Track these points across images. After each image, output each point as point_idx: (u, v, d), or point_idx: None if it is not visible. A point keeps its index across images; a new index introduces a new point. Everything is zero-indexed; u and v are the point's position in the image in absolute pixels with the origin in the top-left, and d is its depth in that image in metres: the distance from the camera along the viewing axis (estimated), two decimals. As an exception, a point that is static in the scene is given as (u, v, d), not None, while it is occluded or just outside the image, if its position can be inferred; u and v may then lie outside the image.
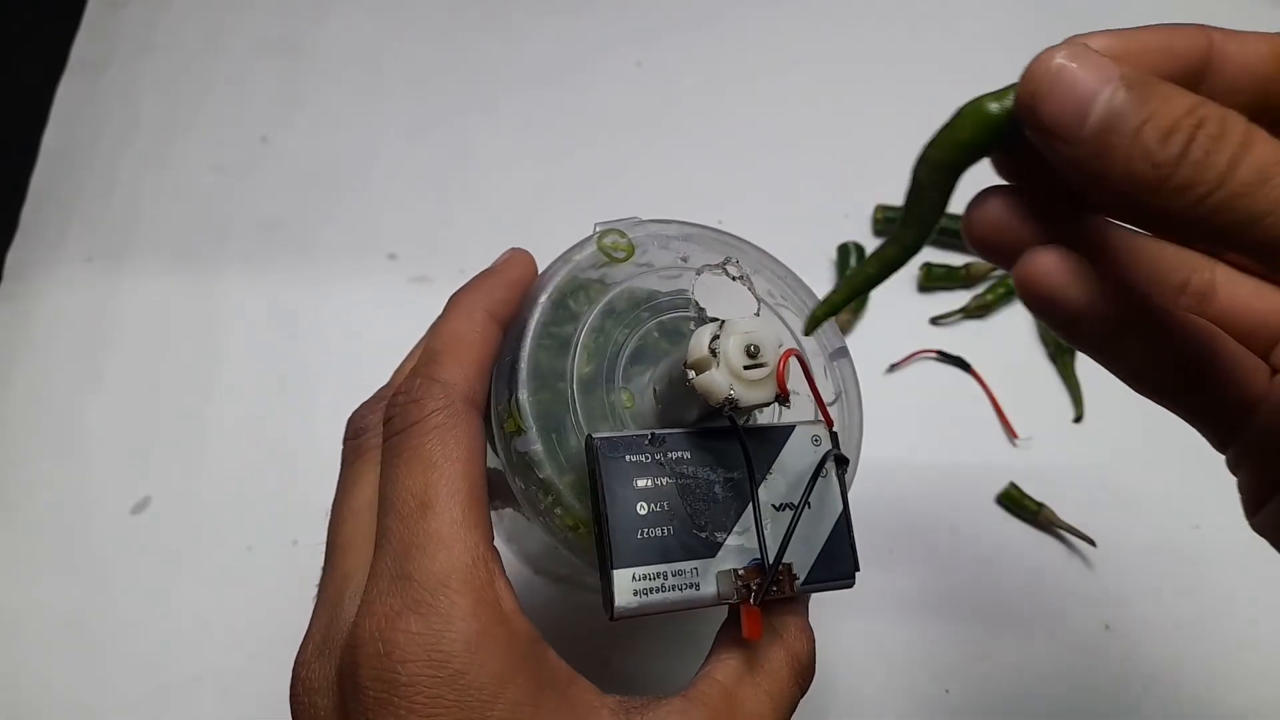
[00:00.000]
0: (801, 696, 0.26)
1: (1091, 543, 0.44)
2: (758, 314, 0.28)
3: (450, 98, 0.56)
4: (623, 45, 0.58)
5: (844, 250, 0.51)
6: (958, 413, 0.47)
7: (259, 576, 0.43)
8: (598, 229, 0.28)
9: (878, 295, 0.50)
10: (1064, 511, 0.45)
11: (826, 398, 0.28)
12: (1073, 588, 0.44)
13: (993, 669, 0.42)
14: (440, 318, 0.27)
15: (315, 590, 0.26)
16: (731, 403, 0.23)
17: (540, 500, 0.26)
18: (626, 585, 0.23)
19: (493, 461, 0.27)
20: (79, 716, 0.40)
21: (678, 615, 0.24)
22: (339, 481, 0.27)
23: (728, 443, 0.25)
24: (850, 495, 0.45)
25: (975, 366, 0.49)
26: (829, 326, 0.30)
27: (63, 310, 0.49)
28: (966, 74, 0.58)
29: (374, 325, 0.49)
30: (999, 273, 0.50)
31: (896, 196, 0.56)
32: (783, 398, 0.24)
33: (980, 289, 0.50)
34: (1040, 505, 0.45)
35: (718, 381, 0.23)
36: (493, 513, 0.32)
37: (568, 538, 0.26)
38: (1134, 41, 0.21)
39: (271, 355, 0.48)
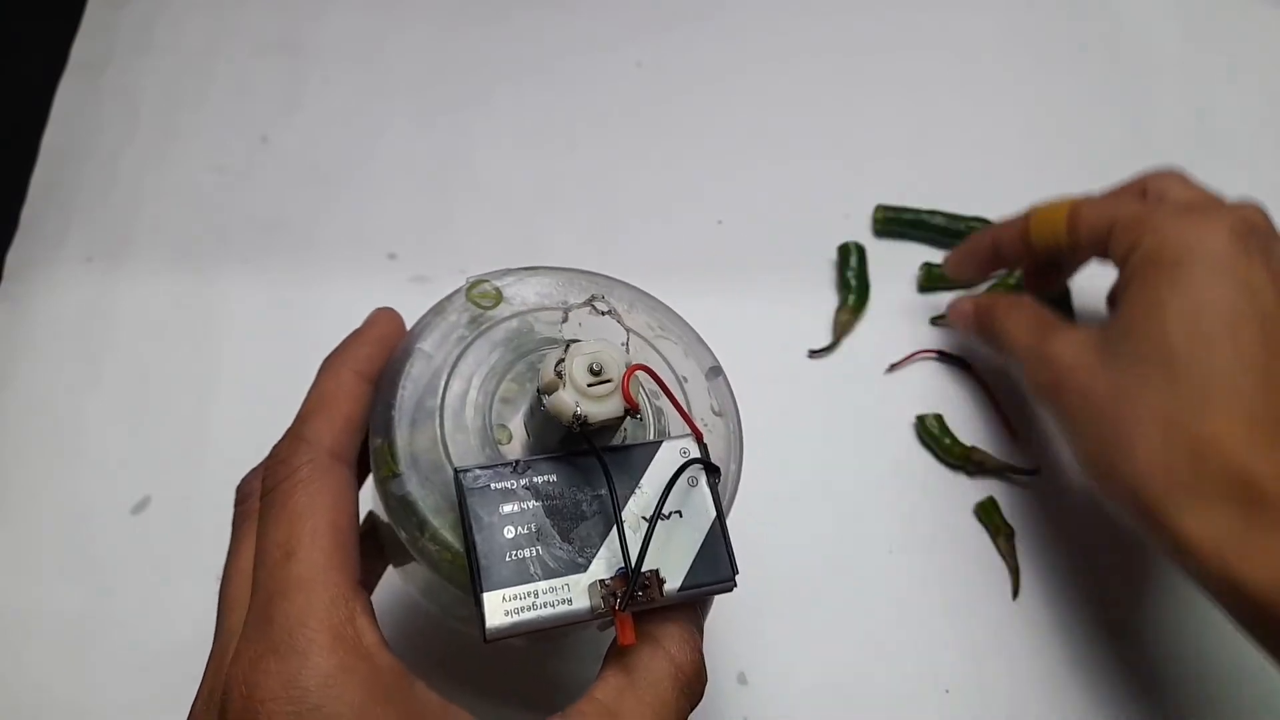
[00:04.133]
0: (692, 708, 0.26)
1: (1014, 595, 0.44)
2: (625, 344, 0.30)
3: (450, 97, 0.56)
4: (623, 45, 0.58)
5: (844, 250, 0.51)
6: (958, 412, 0.47)
7: (259, 576, 0.42)
8: (468, 280, 0.30)
9: (878, 295, 0.50)
10: (1065, 508, 0.45)
11: (705, 414, 0.30)
12: (1073, 589, 0.44)
13: (992, 669, 0.42)
14: (312, 382, 0.29)
15: None
16: (580, 419, 0.24)
17: (418, 539, 0.27)
18: (497, 606, 0.24)
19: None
20: (79, 717, 0.40)
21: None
22: (229, 545, 0.28)
23: (594, 462, 0.26)
24: (851, 495, 0.45)
25: (975, 367, 0.49)
26: (698, 347, 0.32)
27: (63, 310, 0.49)
28: (967, 74, 0.58)
29: (374, 325, 0.49)
30: (1000, 271, 0.50)
31: (897, 196, 0.56)
32: (633, 411, 0.25)
33: (979, 290, 0.50)
34: (1011, 531, 0.45)
35: (565, 400, 0.24)
36: (402, 569, 0.33)
37: (450, 573, 0.27)
38: (961, 256, 0.48)
39: (271, 355, 0.48)
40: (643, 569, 0.25)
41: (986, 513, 0.45)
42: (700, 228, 0.53)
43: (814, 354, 0.49)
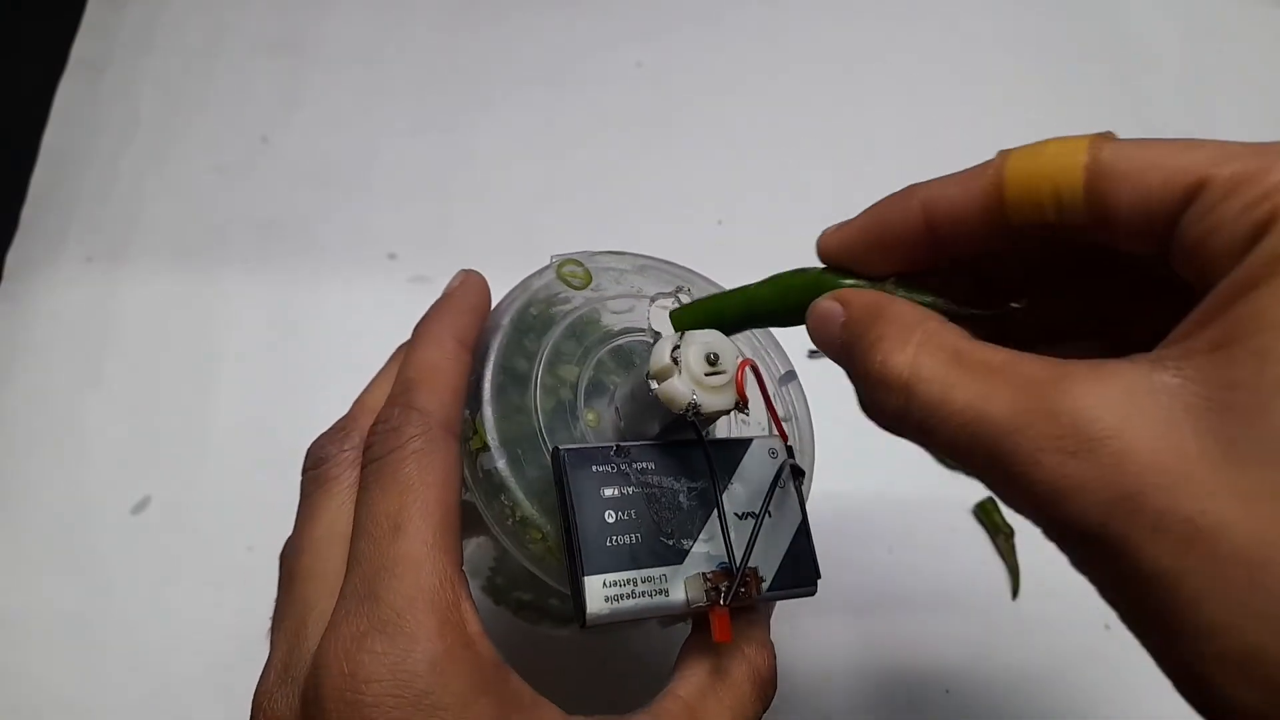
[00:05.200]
0: (764, 711, 0.26)
1: (1013, 595, 0.44)
2: None
3: (450, 97, 0.56)
4: (623, 45, 0.58)
5: (844, 250, 0.51)
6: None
7: (259, 576, 0.42)
8: (554, 259, 0.30)
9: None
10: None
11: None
12: (1073, 588, 0.44)
13: (993, 669, 0.42)
14: (411, 347, 0.28)
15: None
16: (694, 408, 0.24)
17: (507, 517, 0.26)
18: (598, 592, 0.23)
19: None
20: (79, 716, 0.40)
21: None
22: (299, 511, 0.27)
23: (690, 453, 0.26)
24: (851, 495, 0.45)
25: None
26: (776, 351, 0.31)
27: (63, 310, 0.49)
28: (967, 74, 0.58)
29: (374, 325, 0.49)
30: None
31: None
32: (742, 404, 0.25)
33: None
34: (1011, 531, 0.44)
35: (680, 389, 0.24)
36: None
37: (535, 555, 0.26)
38: (857, 231, 0.25)
39: (271, 355, 0.48)
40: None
41: (986, 513, 0.45)
42: (700, 228, 0.53)
43: (813, 354, 0.49)
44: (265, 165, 0.53)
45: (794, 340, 0.49)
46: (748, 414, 0.28)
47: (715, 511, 0.25)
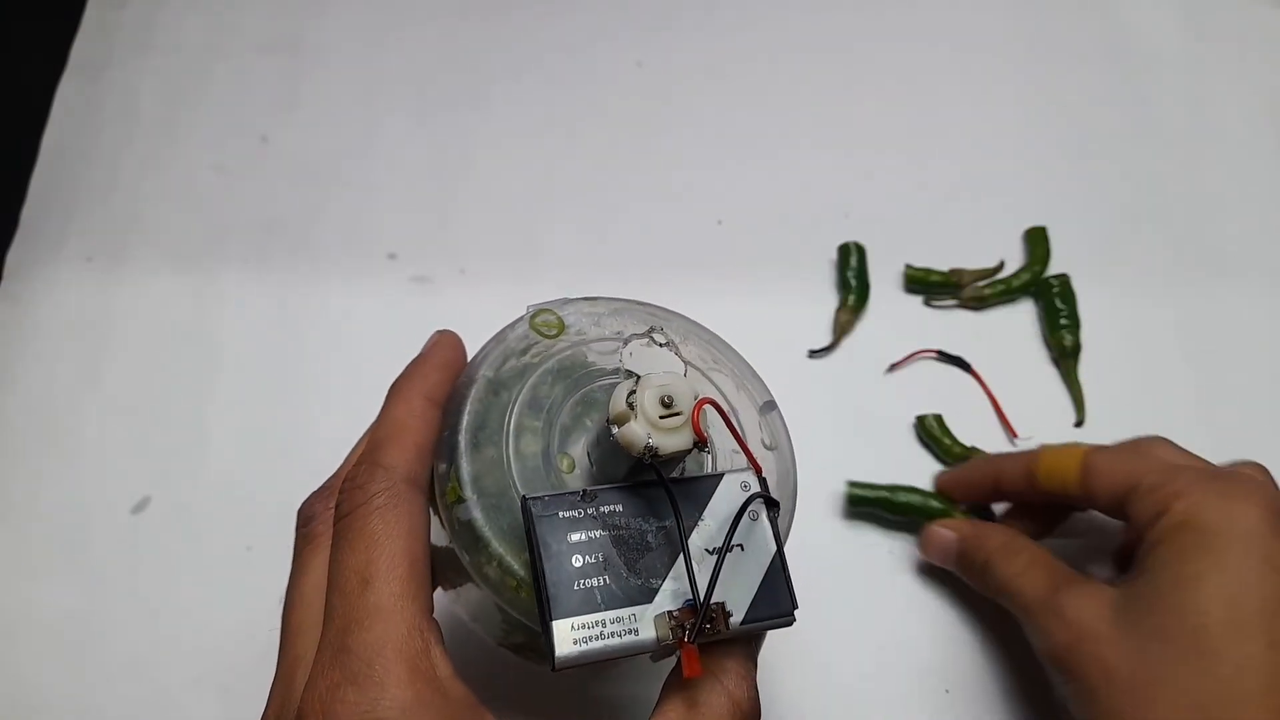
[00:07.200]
0: None
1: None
2: (684, 375, 0.30)
3: (450, 97, 0.56)
4: (623, 45, 0.58)
5: (844, 250, 0.51)
6: (958, 413, 0.47)
7: (259, 576, 0.42)
8: (530, 309, 0.30)
9: (878, 295, 0.50)
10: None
11: (756, 448, 0.30)
12: (1073, 588, 0.44)
13: (993, 669, 0.42)
14: (382, 407, 0.29)
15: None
16: (651, 451, 0.24)
17: (484, 565, 0.27)
18: (566, 635, 0.24)
19: (447, 540, 0.28)
20: (79, 717, 0.40)
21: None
22: (291, 568, 0.28)
23: (658, 493, 0.26)
24: (851, 496, 0.45)
25: (975, 367, 0.49)
26: (754, 382, 0.32)
27: (63, 310, 0.49)
28: (968, 73, 0.58)
29: (374, 325, 0.49)
30: (995, 278, 0.50)
31: (898, 196, 0.56)
32: (701, 444, 0.25)
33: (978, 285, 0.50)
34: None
35: (636, 432, 0.24)
36: (452, 590, 0.33)
37: (513, 599, 0.27)
38: (958, 481, 0.44)
39: (271, 355, 0.48)
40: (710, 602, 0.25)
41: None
42: (700, 228, 0.53)
43: (814, 354, 0.49)
44: (265, 165, 0.53)
45: (790, 353, 0.49)
46: (707, 452, 0.29)
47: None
